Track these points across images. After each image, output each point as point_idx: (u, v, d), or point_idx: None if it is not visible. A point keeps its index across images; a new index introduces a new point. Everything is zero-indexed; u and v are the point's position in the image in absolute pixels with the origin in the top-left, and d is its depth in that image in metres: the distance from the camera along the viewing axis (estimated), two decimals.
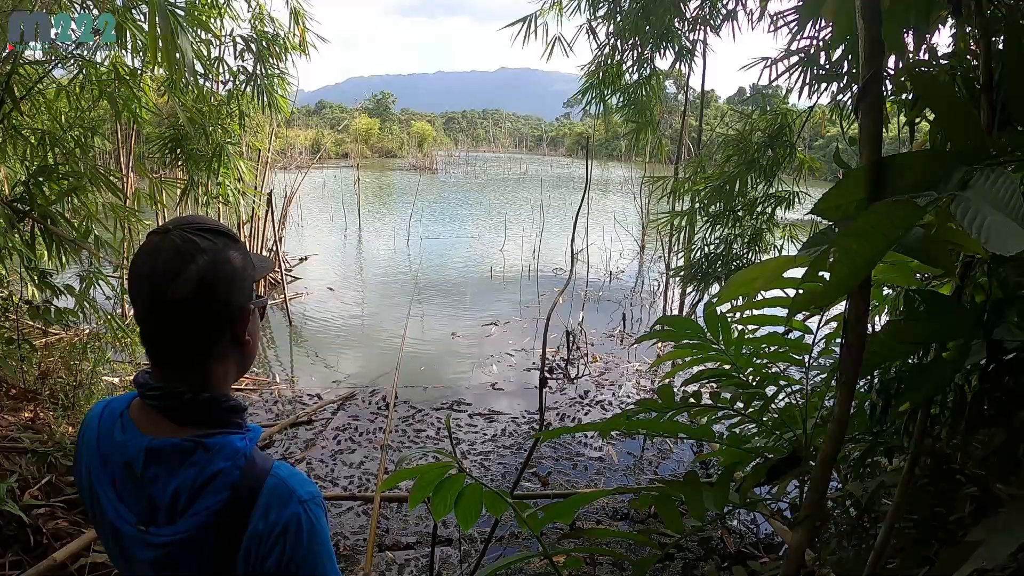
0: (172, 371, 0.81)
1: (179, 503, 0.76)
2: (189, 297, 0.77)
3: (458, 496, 1.47)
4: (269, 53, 4.75)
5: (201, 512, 0.76)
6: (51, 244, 3.31)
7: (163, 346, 0.81)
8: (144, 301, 0.79)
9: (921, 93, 1.44)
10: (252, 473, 0.78)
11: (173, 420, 0.80)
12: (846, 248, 0.75)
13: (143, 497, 0.78)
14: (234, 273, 0.81)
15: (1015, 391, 1.24)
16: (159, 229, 0.81)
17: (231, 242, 0.83)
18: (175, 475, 0.77)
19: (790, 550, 1.09)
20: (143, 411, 0.82)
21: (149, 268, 0.78)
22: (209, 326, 0.81)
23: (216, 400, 0.81)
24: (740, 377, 1.87)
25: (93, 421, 0.85)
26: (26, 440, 3.23)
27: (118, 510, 0.79)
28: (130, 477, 0.78)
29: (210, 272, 0.78)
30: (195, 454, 0.78)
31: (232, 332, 0.83)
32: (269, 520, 0.76)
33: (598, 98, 5.75)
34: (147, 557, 0.78)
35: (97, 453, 0.82)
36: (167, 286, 0.77)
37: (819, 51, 3.17)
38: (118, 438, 0.81)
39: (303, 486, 0.81)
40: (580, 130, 60.05)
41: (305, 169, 9.94)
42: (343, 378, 5.84)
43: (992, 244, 0.62)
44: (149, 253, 0.79)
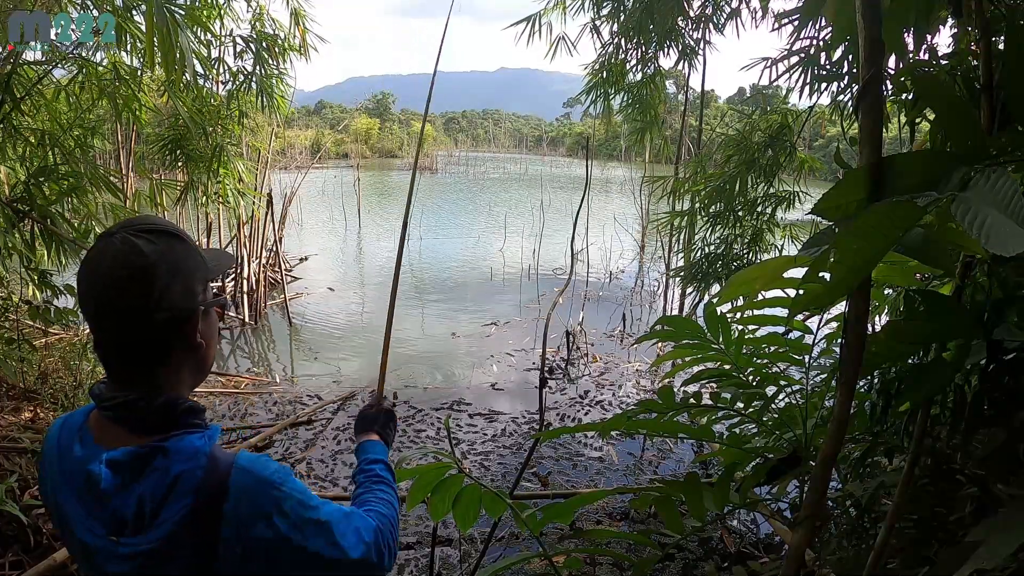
0: (125, 379, 0.79)
1: (145, 511, 0.74)
2: (133, 303, 0.75)
3: (456, 497, 1.46)
4: (269, 54, 4.76)
5: (170, 518, 0.74)
6: (51, 244, 3.32)
7: (113, 354, 0.79)
8: (90, 308, 0.77)
9: (921, 93, 1.44)
10: (215, 469, 0.76)
11: (130, 429, 0.78)
12: (846, 248, 0.75)
13: (109, 509, 0.75)
14: (178, 275, 0.78)
15: (1015, 391, 1.24)
16: (104, 233, 0.79)
17: (177, 242, 0.80)
18: (137, 483, 0.74)
19: (790, 550, 1.09)
20: (100, 423, 0.80)
21: (93, 274, 0.76)
22: (157, 331, 0.78)
23: (172, 403, 0.79)
24: (740, 377, 1.87)
25: (53, 439, 0.83)
26: (26, 440, 3.23)
27: (86, 525, 0.77)
28: (93, 491, 0.75)
29: (153, 276, 0.76)
30: (155, 460, 0.75)
31: (182, 336, 0.81)
32: (242, 512, 0.75)
33: (602, 97, 5.76)
34: (120, 570, 0.75)
35: (59, 470, 0.80)
36: (110, 292, 0.75)
37: (819, 51, 3.17)
38: (78, 453, 0.78)
39: (266, 468, 0.79)
40: (580, 130, 60.08)
41: (305, 169, 9.94)
42: (343, 378, 5.84)
43: (992, 244, 0.62)
44: (92, 260, 0.77)
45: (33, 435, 3.32)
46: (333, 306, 8.44)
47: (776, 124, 4.06)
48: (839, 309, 1.36)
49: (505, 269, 10.87)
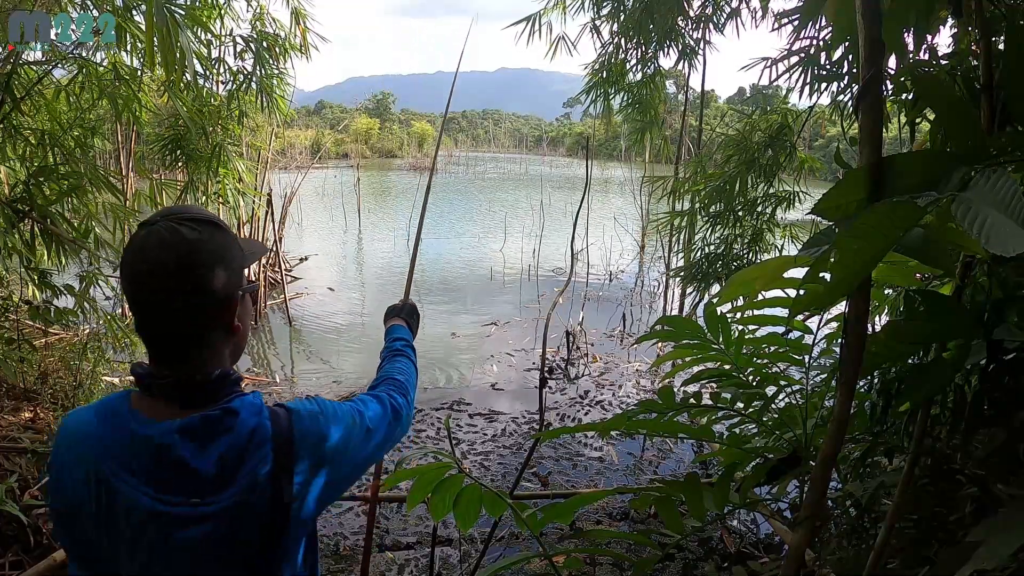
0: (170, 360, 0.83)
1: (227, 468, 0.80)
2: (178, 289, 0.79)
3: (457, 496, 1.46)
4: (269, 54, 4.75)
5: (252, 469, 0.80)
6: (51, 244, 3.31)
7: (158, 338, 0.83)
8: (135, 295, 0.80)
9: (921, 93, 1.44)
10: (278, 419, 0.85)
11: (183, 404, 0.82)
12: (847, 249, 0.75)
13: (187, 475, 0.79)
14: (220, 262, 0.83)
15: (1015, 391, 1.24)
16: (146, 222, 0.82)
17: (218, 230, 0.84)
18: (215, 444, 0.80)
19: (790, 550, 1.09)
20: (147, 402, 0.83)
21: (137, 262, 0.79)
22: (199, 316, 0.82)
23: (225, 375, 0.85)
24: (740, 377, 1.87)
25: (86, 428, 0.83)
26: (26, 440, 3.23)
27: (154, 497, 0.79)
28: (167, 461, 0.79)
29: (197, 262, 0.80)
30: (225, 420, 0.81)
31: (223, 320, 0.85)
32: (307, 448, 0.86)
33: (602, 97, 5.76)
34: (200, 532, 0.79)
35: (107, 453, 0.80)
36: (157, 278, 0.78)
37: (819, 51, 3.17)
38: (140, 430, 0.80)
39: (311, 404, 0.91)
40: (580, 130, 60.08)
41: (305, 169, 9.94)
42: (343, 378, 5.84)
43: (992, 244, 0.62)
44: (137, 247, 0.80)
45: (33, 435, 3.32)
46: (333, 306, 8.44)
47: (776, 124, 4.05)
48: (839, 309, 1.36)
49: (505, 269, 10.87)
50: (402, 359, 1.25)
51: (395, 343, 1.30)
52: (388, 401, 1.07)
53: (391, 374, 1.18)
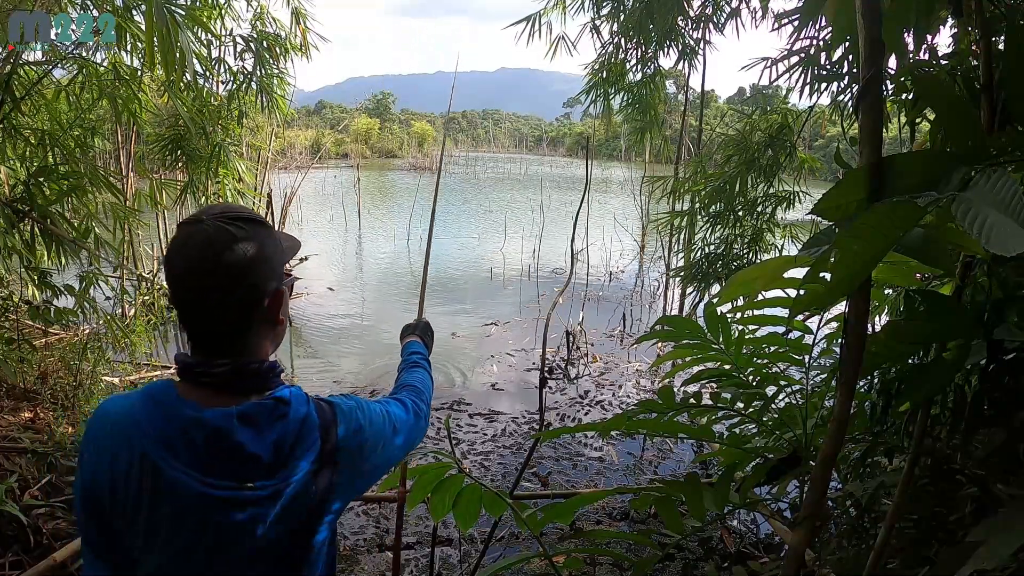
0: (216, 352, 0.86)
1: (280, 453, 0.84)
2: (225, 285, 0.82)
3: (457, 496, 1.46)
4: (269, 54, 4.75)
5: (303, 455, 0.86)
6: (51, 244, 3.31)
7: (203, 332, 0.86)
8: (183, 292, 0.84)
9: (921, 93, 1.44)
10: (323, 410, 0.91)
11: (234, 391, 0.85)
12: (847, 249, 0.75)
13: (242, 460, 0.82)
14: (266, 259, 0.86)
15: (1015, 391, 1.24)
16: (191, 219, 0.85)
17: (262, 228, 0.88)
18: (270, 430, 0.84)
19: (790, 550, 1.09)
20: (195, 391, 0.85)
21: (184, 259, 0.82)
22: (244, 311, 0.86)
23: (272, 366, 0.89)
24: (740, 377, 1.87)
25: (128, 414, 0.84)
26: (26, 440, 3.23)
27: (206, 480, 0.81)
28: (223, 445, 0.82)
29: (243, 260, 0.83)
30: (278, 408, 0.86)
31: (268, 313, 0.89)
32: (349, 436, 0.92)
33: (602, 97, 5.75)
34: (248, 516, 0.82)
35: (156, 439, 0.81)
36: (205, 276, 0.82)
37: (819, 51, 3.17)
38: (194, 416, 0.82)
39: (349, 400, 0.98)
40: (580, 130, 60.09)
41: (305, 169, 9.95)
42: (343, 378, 5.84)
43: (993, 245, 0.62)
44: (183, 244, 0.83)
45: (33, 435, 3.32)
46: (333, 306, 8.44)
47: (776, 124, 4.05)
48: (839, 309, 1.36)
49: (505, 269, 10.87)
50: (418, 370, 1.31)
51: (412, 356, 1.37)
52: (410, 404, 1.12)
53: (409, 382, 1.24)
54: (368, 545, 3.29)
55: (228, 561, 0.84)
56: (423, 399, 1.19)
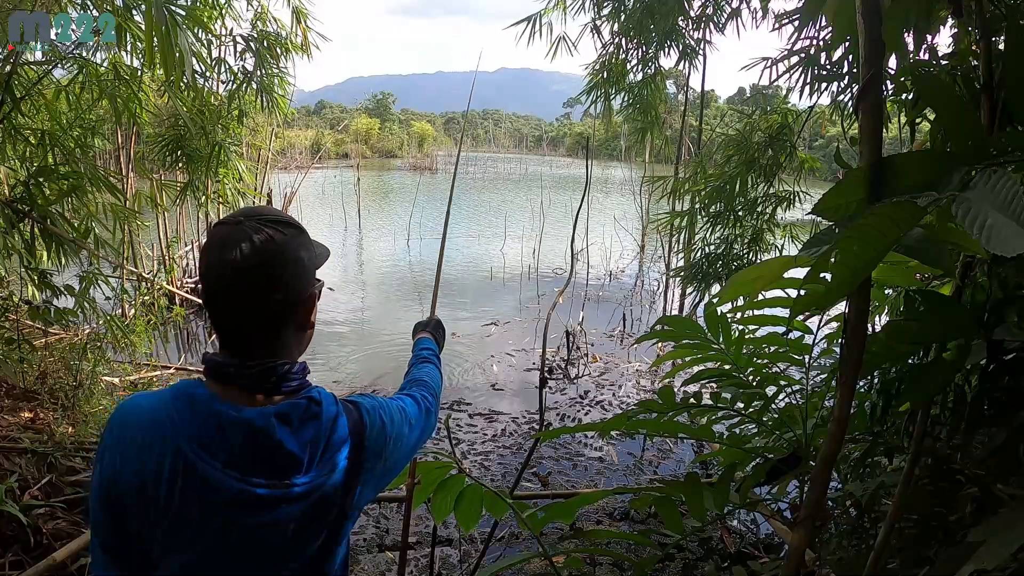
0: (248, 353, 0.86)
1: (317, 452, 0.86)
2: (264, 287, 0.83)
3: (458, 497, 1.47)
4: (270, 53, 4.75)
5: (335, 453, 0.88)
6: (51, 244, 3.31)
7: (238, 332, 0.86)
8: (220, 291, 0.84)
9: (921, 93, 1.44)
10: (351, 410, 0.94)
11: (266, 392, 0.86)
12: (847, 249, 0.75)
13: (278, 458, 0.84)
14: (303, 263, 0.88)
15: (1015, 391, 1.24)
16: (229, 220, 0.86)
17: (300, 233, 0.90)
18: (304, 430, 0.86)
19: (790, 550, 1.09)
20: (227, 390, 0.85)
21: (225, 257, 0.82)
22: (280, 313, 0.87)
23: (304, 368, 0.91)
24: (740, 377, 1.87)
25: (160, 412, 0.83)
26: (26, 440, 3.23)
27: (243, 479, 0.82)
28: (260, 444, 0.83)
29: (283, 262, 0.85)
30: (310, 408, 0.87)
31: (301, 316, 0.91)
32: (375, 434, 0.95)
33: (602, 97, 5.75)
34: (285, 514, 0.84)
35: (191, 437, 0.81)
36: (245, 275, 0.82)
37: (819, 51, 3.17)
38: (231, 413, 0.83)
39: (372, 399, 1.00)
40: (580, 130, 60.09)
41: (305, 169, 9.94)
42: (343, 378, 5.84)
43: (993, 245, 0.62)
44: (223, 243, 0.83)
45: (33, 435, 3.32)
46: (333, 306, 8.44)
47: (776, 124, 4.05)
48: (839, 309, 1.36)
49: (505, 269, 10.87)
50: (428, 365, 1.34)
51: (422, 352, 1.40)
52: (420, 400, 1.15)
53: (420, 377, 1.26)
54: (368, 545, 3.29)
55: (258, 558, 0.84)
56: (432, 394, 1.21)
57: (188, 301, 7.21)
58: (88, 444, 3.40)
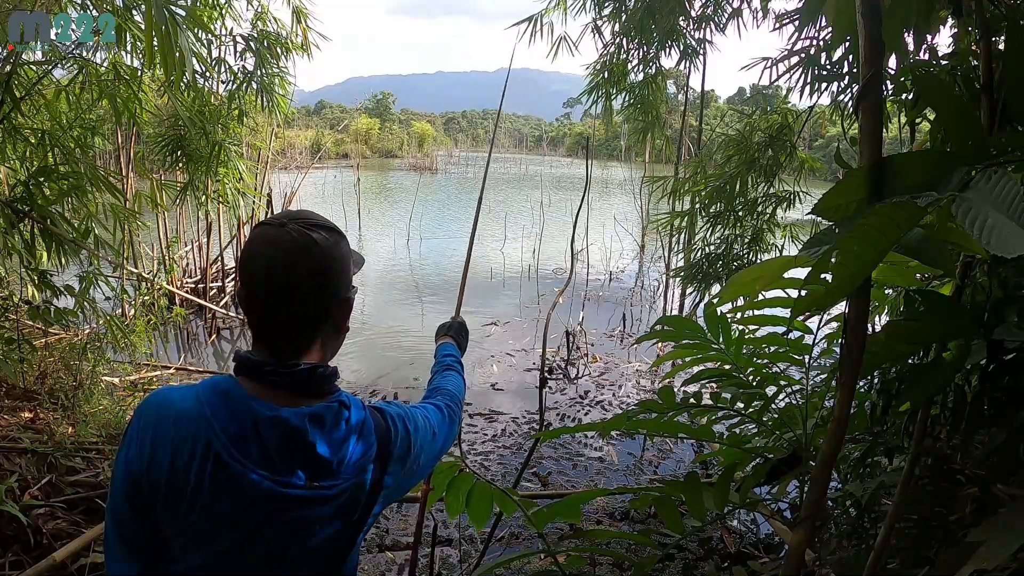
0: (285, 352, 0.87)
1: (345, 454, 0.87)
2: (307, 289, 0.85)
3: (468, 495, 1.48)
4: (270, 53, 4.75)
5: (362, 455, 0.89)
6: (51, 244, 3.31)
7: (277, 333, 0.87)
8: (263, 288, 0.84)
9: (921, 93, 1.44)
10: (376, 414, 0.94)
11: (300, 393, 0.87)
12: (847, 250, 0.75)
13: (310, 459, 0.84)
14: (343, 268, 0.90)
15: (1015, 391, 1.24)
16: (273, 221, 0.87)
17: (340, 238, 0.91)
18: (335, 432, 0.87)
19: (790, 550, 1.09)
20: (264, 389, 0.85)
21: (270, 258, 0.84)
22: (320, 314, 0.88)
23: (335, 371, 0.92)
24: (740, 377, 1.87)
25: (192, 406, 0.83)
26: (26, 440, 3.23)
27: (275, 478, 0.82)
28: (294, 444, 0.83)
29: (325, 265, 0.86)
30: (341, 412, 0.88)
31: (337, 319, 0.93)
32: (399, 439, 0.95)
33: (603, 97, 5.75)
34: (312, 515, 0.84)
35: (224, 433, 0.81)
36: (287, 276, 0.83)
37: (819, 51, 3.17)
38: (267, 412, 0.83)
39: (398, 407, 1.01)
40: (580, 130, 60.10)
41: (305, 169, 9.94)
42: (343, 378, 5.81)
43: (994, 246, 0.62)
44: (268, 243, 0.84)
45: (33, 435, 3.32)
46: None
47: (776, 124, 4.05)
48: (839, 309, 1.36)
49: (505, 269, 10.87)
50: (452, 373, 1.35)
51: (445, 359, 1.41)
52: (444, 408, 1.16)
53: (443, 386, 1.27)
54: (368, 545, 3.29)
55: (281, 557, 0.85)
56: (457, 403, 1.22)
57: (188, 301, 7.21)
58: (88, 444, 3.40)
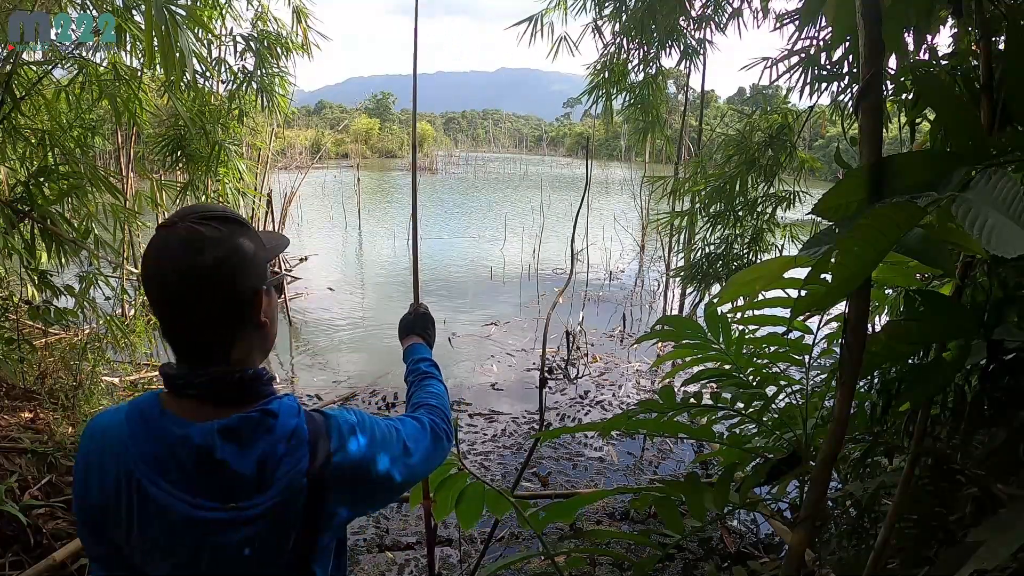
0: (199, 360, 0.82)
1: (266, 470, 0.79)
2: (200, 290, 0.78)
3: (460, 495, 1.47)
4: (270, 53, 4.75)
5: (290, 471, 0.80)
6: (51, 244, 3.31)
7: (184, 338, 0.82)
8: (159, 297, 0.80)
9: (921, 93, 1.44)
10: (314, 422, 0.85)
11: (218, 403, 0.81)
12: (847, 250, 0.75)
13: (225, 477, 0.78)
14: (244, 260, 0.82)
15: (1015, 391, 1.24)
16: (166, 222, 0.81)
17: (238, 227, 0.83)
18: (255, 446, 0.79)
19: (790, 550, 1.09)
20: (181, 403, 0.81)
21: (159, 264, 0.79)
22: (226, 315, 0.81)
23: (259, 374, 0.84)
24: (740, 377, 1.87)
25: (115, 430, 0.81)
26: (26, 440, 3.22)
27: (191, 501, 0.77)
28: (205, 463, 0.78)
29: (220, 262, 0.79)
30: (264, 421, 0.81)
31: (249, 317, 0.84)
32: (345, 452, 0.86)
33: (604, 97, 5.75)
34: (236, 538, 0.78)
35: (139, 456, 0.79)
36: (182, 280, 0.78)
37: (819, 51, 3.16)
38: (176, 432, 0.78)
39: (350, 415, 0.91)
40: (580, 130, 60.10)
41: (305, 169, 9.94)
42: (343, 378, 5.84)
43: (994, 246, 0.62)
44: (158, 248, 0.79)
45: (33, 435, 3.32)
46: (333, 306, 8.44)
47: (776, 124, 4.05)
48: (839, 309, 1.36)
49: (505, 269, 10.87)
50: (430, 382, 1.21)
51: (419, 365, 1.27)
52: (427, 423, 1.05)
53: (425, 401, 1.15)
54: (368, 545, 3.29)
55: None
56: (444, 418, 1.11)
57: None
58: None
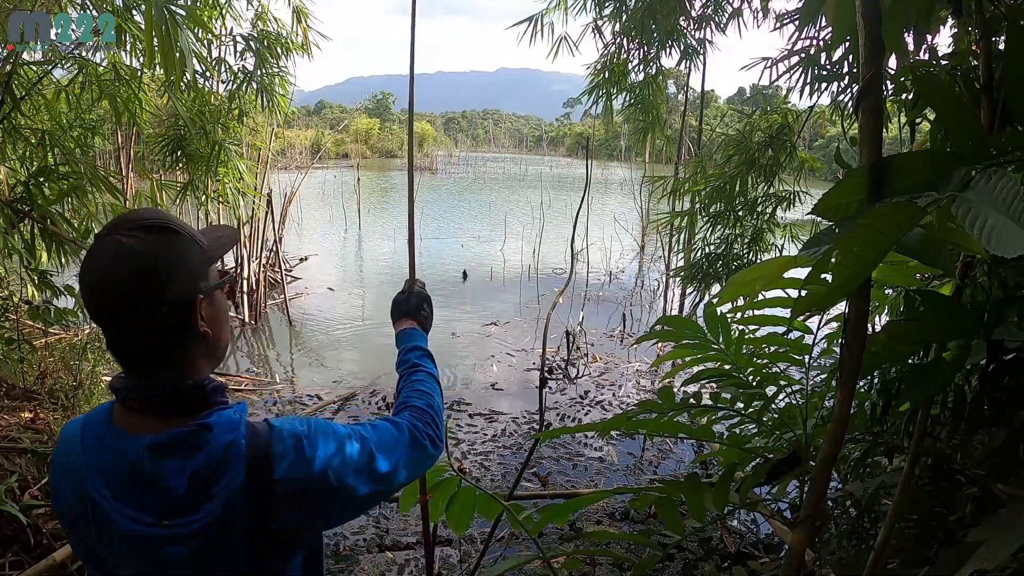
0: (142, 372, 0.81)
1: (199, 488, 0.76)
2: (133, 303, 0.76)
3: (451, 499, 1.46)
4: (270, 53, 4.75)
5: (224, 489, 0.77)
6: (51, 244, 3.31)
7: (121, 350, 0.80)
8: (92, 309, 0.79)
9: (921, 93, 1.44)
10: (256, 435, 0.81)
11: (160, 415, 0.80)
12: (847, 250, 0.75)
13: (158, 493, 0.76)
14: (171, 270, 0.78)
15: (1015, 391, 1.24)
16: (97, 235, 0.80)
17: (169, 234, 0.80)
18: (187, 462, 0.77)
19: (790, 550, 1.09)
20: (127, 415, 0.81)
21: (91, 280, 0.78)
22: (158, 327, 0.78)
23: (200, 385, 0.81)
24: (740, 377, 1.87)
25: (74, 440, 0.82)
26: (26, 440, 3.23)
27: (131, 515, 0.77)
28: (139, 478, 0.77)
29: (144, 275, 0.76)
30: (199, 436, 0.78)
31: (187, 325, 0.81)
32: (289, 469, 0.80)
33: (604, 97, 5.75)
34: (180, 553, 0.77)
35: (88, 467, 0.79)
36: (109, 295, 0.77)
37: (819, 51, 3.16)
38: (115, 446, 0.78)
39: (300, 424, 0.85)
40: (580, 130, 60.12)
41: (305, 169, 9.93)
42: (343, 378, 5.84)
43: (995, 246, 0.62)
44: (90, 259, 0.79)
45: (33, 435, 3.32)
46: (333, 306, 8.44)
47: (776, 124, 4.05)
48: (839, 309, 1.36)
49: (505, 269, 10.87)
50: (420, 376, 1.11)
51: (410, 355, 1.16)
52: (407, 427, 0.98)
53: (410, 401, 1.05)
54: (368, 545, 3.29)
55: None
56: (428, 421, 1.01)
57: None
58: None
